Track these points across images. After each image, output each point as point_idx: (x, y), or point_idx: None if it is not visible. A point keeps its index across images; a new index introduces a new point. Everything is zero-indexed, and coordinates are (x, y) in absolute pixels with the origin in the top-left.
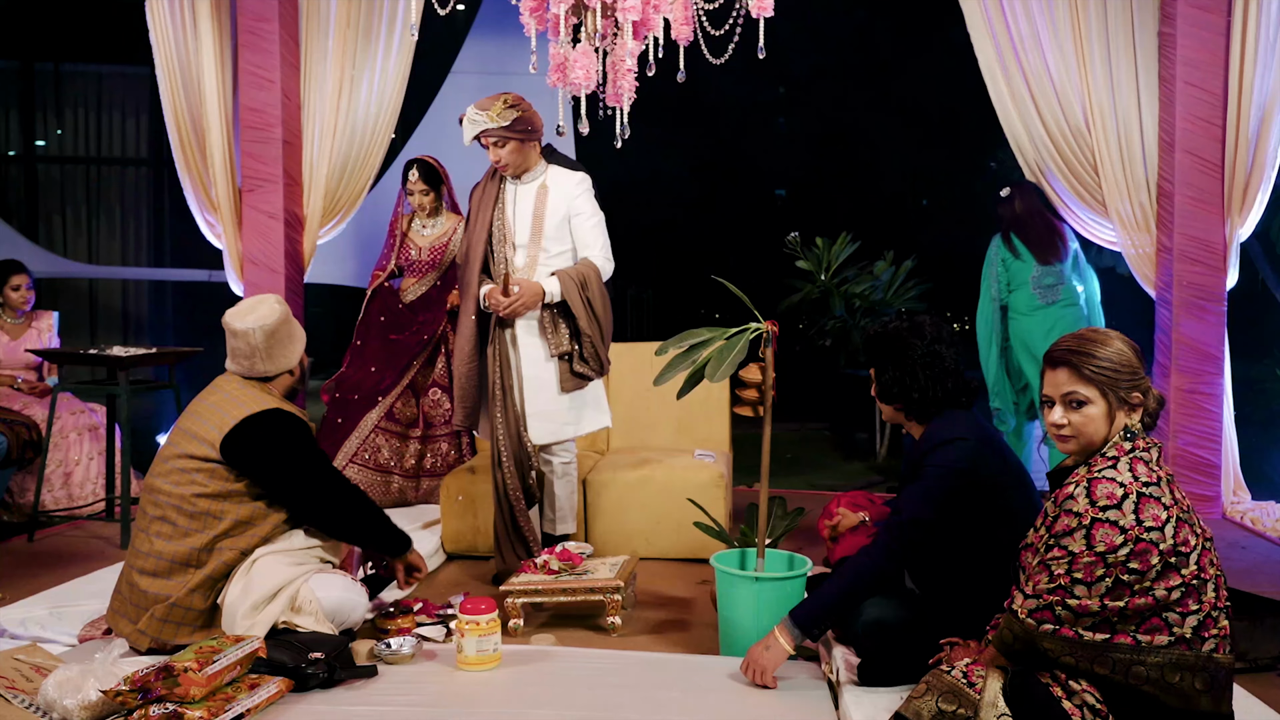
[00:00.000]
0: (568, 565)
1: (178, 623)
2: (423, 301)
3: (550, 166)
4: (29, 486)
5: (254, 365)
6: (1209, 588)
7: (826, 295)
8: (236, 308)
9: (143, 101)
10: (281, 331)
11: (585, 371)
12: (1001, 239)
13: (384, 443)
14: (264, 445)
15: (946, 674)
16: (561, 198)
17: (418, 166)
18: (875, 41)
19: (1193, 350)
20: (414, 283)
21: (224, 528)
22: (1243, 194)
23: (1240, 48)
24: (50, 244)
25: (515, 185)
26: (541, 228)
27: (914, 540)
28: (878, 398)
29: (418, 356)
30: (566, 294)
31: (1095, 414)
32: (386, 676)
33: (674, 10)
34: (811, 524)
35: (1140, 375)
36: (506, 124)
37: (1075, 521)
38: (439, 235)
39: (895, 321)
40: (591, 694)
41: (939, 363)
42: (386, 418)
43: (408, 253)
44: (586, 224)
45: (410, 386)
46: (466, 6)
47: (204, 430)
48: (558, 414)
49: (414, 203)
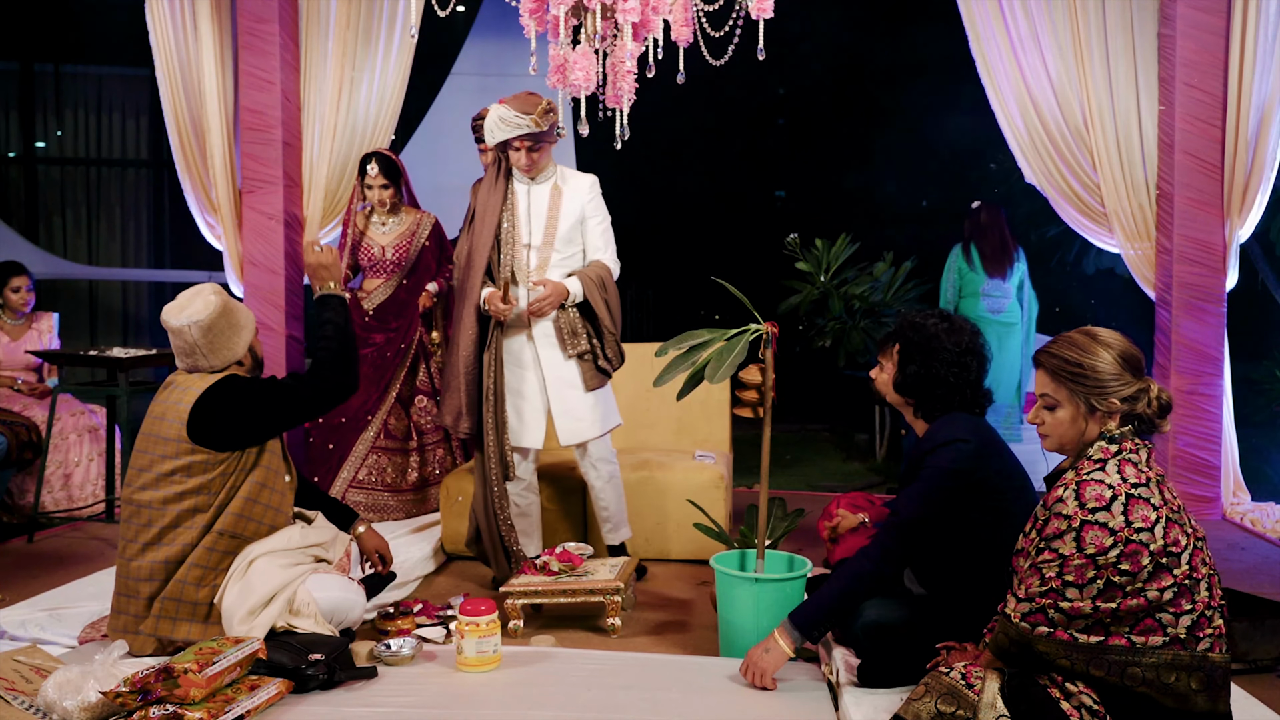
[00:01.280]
0: (567, 567)
1: (173, 617)
2: (392, 305)
3: (560, 167)
4: (29, 488)
5: (196, 362)
6: (1202, 587)
7: (826, 296)
8: (173, 303)
9: (143, 103)
10: (219, 324)
11: (607, 368)
12: (961, 248)
13: (387, 462)
14: (228, 408)
15: (945, 675)
16: (575, 199)
17: (376, 160)
18: (876, 42)
19: (1192, 351)
20: (380, 284)
21: (209, 517)
22: (1242, 195)
23: (1240, 49)
24: (50, 245)
25: (527, 185)
26: (555, 229)
27: (911, 541)
28: (894, 386)
29: (399, 367)
30: (588, 294)
31: (1063, 417)
32: (386, 678)
33: (674, 12)
34: (811, 525)
35: (1115, 385)
36: (546, 129)
37: (1065, 524)
38: (402, 232)
39: (934, 318)
40: (591, 695)
41: (964, 372)
42: (384, 435)
43: (369, 253)
44: (599, 227)
45: (397, 399)
46: (466, 8)
47: (166, 429)
48: (584, 413)
49: (373, 198)
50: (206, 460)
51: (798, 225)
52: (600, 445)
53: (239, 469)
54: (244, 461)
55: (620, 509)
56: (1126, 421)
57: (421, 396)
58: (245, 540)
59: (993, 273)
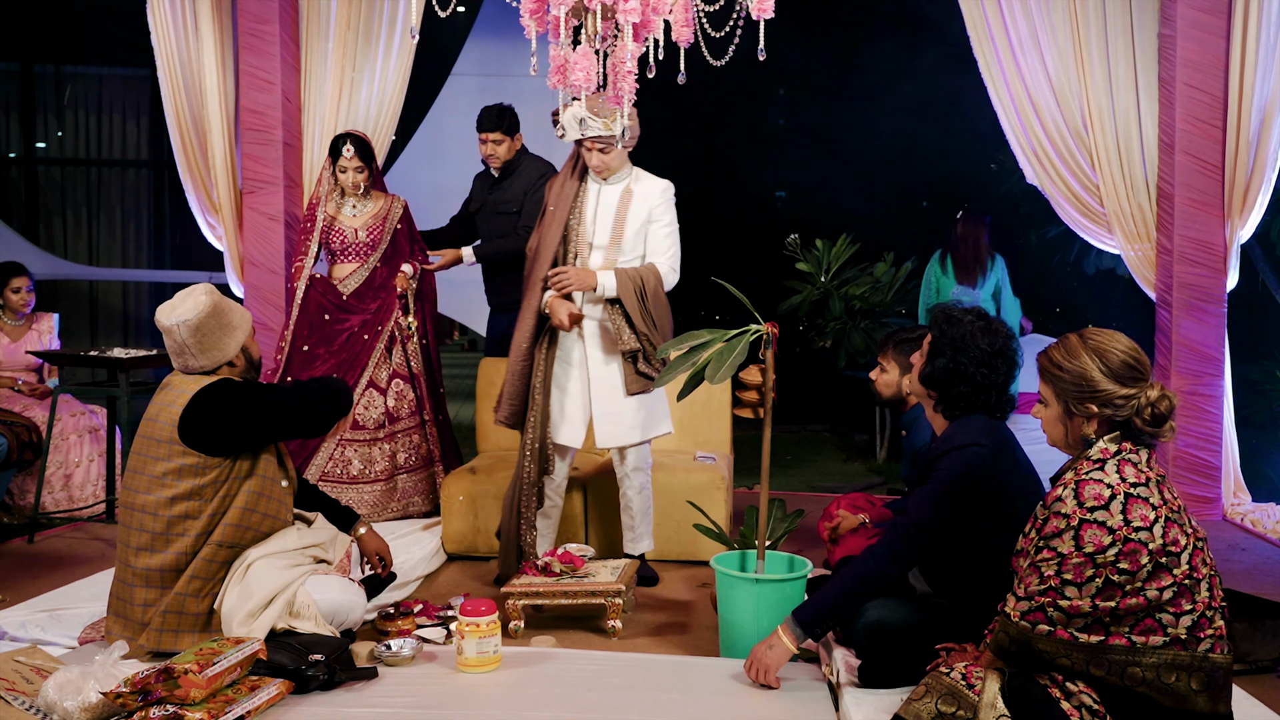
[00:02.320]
0: (569, 568)
1: (175, 630)
2: (368, 288)
3: (635, 170)
4: (29, 488)
5: (186, 362)
6: (1202, 587)
7: (826, 297)
8: (166, 303)
9: (143, 103)
10: (209, 324)
11: (649, 373)
12: (939, 255)
13: (353, 454)
14: (219, 411)
15: (945, 675)
16: (644, 203)
17: (351, 142)
18: (876, 42)
19: (1193, 352)
20: (355, 268)
21: (203, 525)
22: (1243, 196)
23: (1241, 50)
24: (51, 246)
25: (599, 186)
26: (622, 231)
27: (918, 543)
28: (919, 378)
29: (375, 350)
30: (621, 291)
31: (1049, 415)
32: (387, 678)
33: (674, 12)
34: (811, 526)
35: (1091, 390)
36: (618, 132)
37: (1064, 523)
38: (375, 213)
39: (971, 315)
40: (591, 696)
41: (992, 373)
42: (351, 426)
43: (342, 237)
44: (662, 230)
45: (371, 384)
46: (467, 9)
47: (159, 430)
48: (624, 417)
49: (346, 181)
50: (198, 464)
51: (798, 226)
52: (638, 454)
53: (233, 476)
54: (238, 469)
55: (646, 521)
56: (1114, 428)
57: (398, 380)
58: (244, 549)
59: (962, 280)
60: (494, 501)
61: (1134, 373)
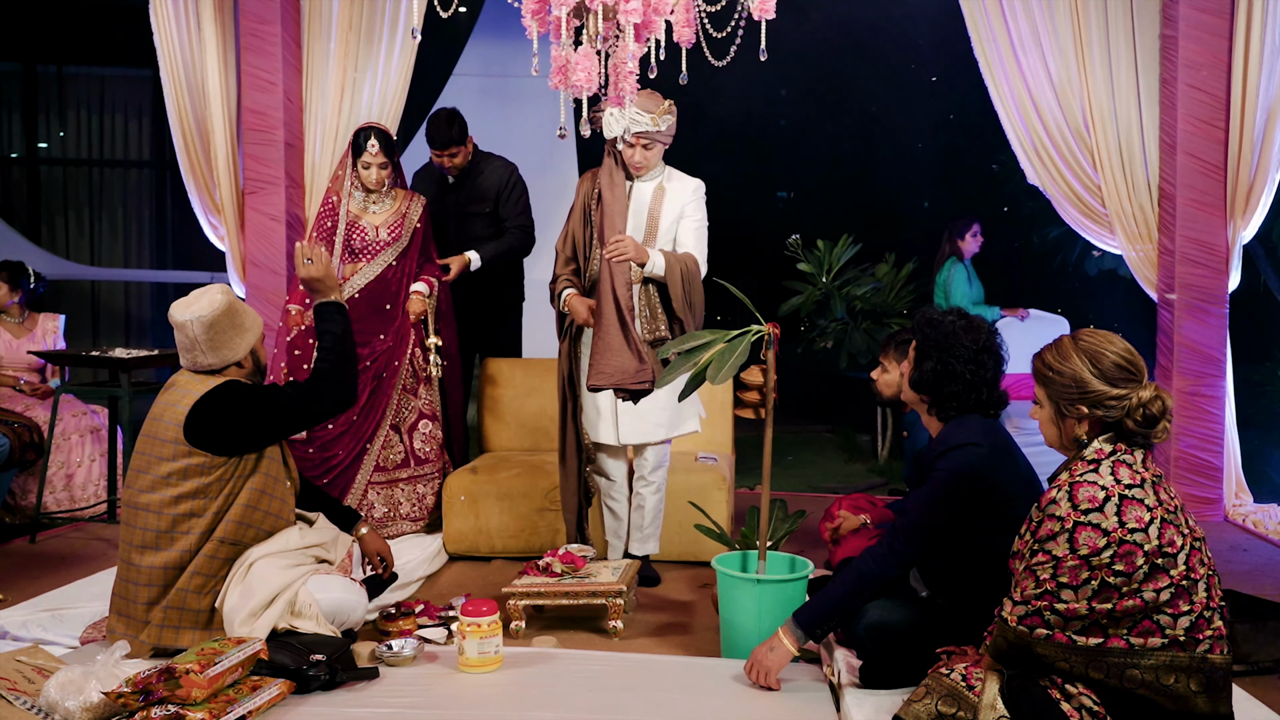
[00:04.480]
0: (570, 568)
1: (176, 626)
2: (379, 287)
3: (668, 168)
4: (31, 488)
5: (195, 359)
6: (1200, 588)
7: (828, 297)
8: (183, 299)
9: (145, 104)
10: (222, 323)
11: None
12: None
13: (376, 498)
14: (225, 412)
15: (946, 676)
16: (677, 200)
17: (376, 135)
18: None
19: (1194, 352)
20: (363, 266)
21: (207, 523)
22: (1246, 196)
23: (1244, 50)
24: (53, 246)
25: (632, 183)
26: (656, 228)
27: (918, 544)
28: (910, 383)
29: (395, 386)
30: (669, 272)
31: (1042, 416)
32: (388, 678)
33: (676, 13)
34: (813, 526)
35: (1079, 392)
36: (663, 128)
37: (1058, 525)
38: (394, 210)
39: (952, 315)
40: (592, 696)
41: (980, 369)
42: (376, 469)
43: (363, 236)
44: (693, 224)
45: (394, 426)
46: (468, 9)
47: (164, 430)
48: (650, 413)
49: (370, 177)
50: (203, 464)
51: (799, 226)
52: (658, 452)
53: (237, 475)
54: (242, 468)
55: (656, 523)
56: (1106, 429)
57: (425, 421)
58: (246, 547)
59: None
60: (495, 501)
61: (1126, 374)
